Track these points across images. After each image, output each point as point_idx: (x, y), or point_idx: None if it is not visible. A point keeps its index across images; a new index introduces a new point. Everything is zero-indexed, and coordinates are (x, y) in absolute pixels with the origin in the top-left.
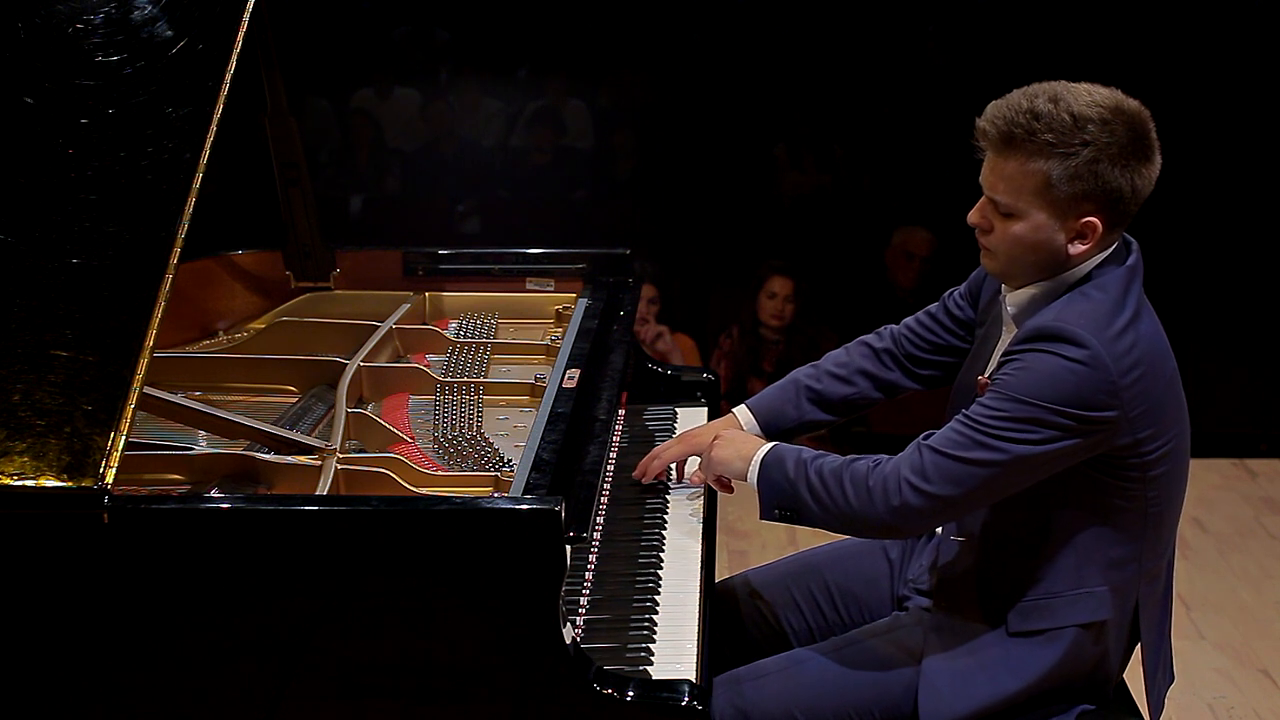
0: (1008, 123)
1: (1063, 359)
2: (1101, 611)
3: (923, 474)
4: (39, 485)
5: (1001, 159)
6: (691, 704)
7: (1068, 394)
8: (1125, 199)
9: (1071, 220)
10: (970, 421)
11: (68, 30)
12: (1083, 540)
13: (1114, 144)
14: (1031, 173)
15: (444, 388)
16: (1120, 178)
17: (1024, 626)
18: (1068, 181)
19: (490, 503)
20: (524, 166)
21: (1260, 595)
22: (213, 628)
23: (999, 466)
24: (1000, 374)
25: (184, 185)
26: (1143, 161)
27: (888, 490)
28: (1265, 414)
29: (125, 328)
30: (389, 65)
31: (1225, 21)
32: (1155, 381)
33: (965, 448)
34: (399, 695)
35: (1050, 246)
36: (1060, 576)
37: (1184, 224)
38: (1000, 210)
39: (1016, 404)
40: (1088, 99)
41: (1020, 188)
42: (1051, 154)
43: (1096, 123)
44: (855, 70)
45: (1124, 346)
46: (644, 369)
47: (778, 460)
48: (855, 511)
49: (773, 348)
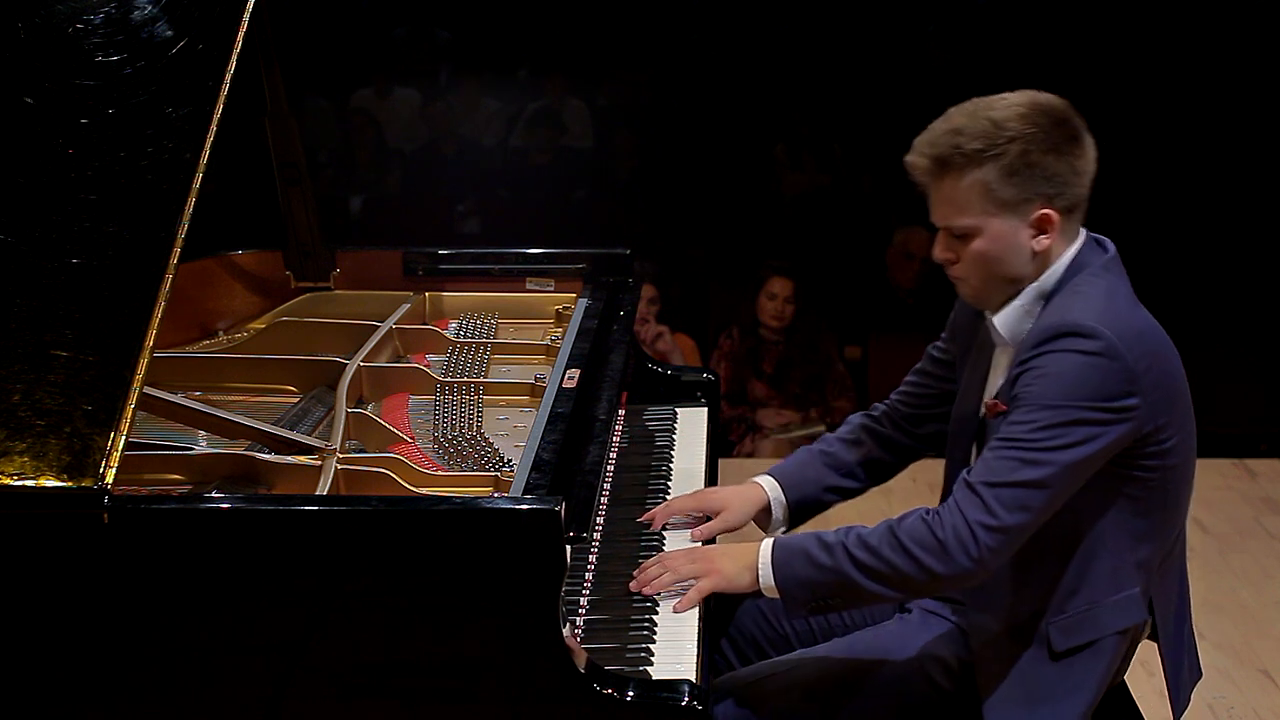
0: (934, 147)
1: (1080, 354)
2: (1138, 614)
3: (990, 512)
4: (39, 485)
5: (940, 185)
6: (691, 704)
7: (1095, 388)
8: (1068, 183)
9: (1026, 217)
10: (1011, 443)
11: (68, 30)
12: (1114, 542)
13: (1039, 133)
14: (971, 185)
15: (444, 388)
16: (1056, 163)
17: (1070, 643)
18: (1007, 181)
19: (490, 503)
20: (524, 166)
21: (1260, 595)
22: (212, 628)
23: (1055, 478)
24: (1021, 387)
25: (184, 185)
26: (1073, 143)
27: (964, 541)
28: (1265, 414)
29: (125, 328)
30: (389, 65)
31: (1225, 22)
32: (1165, 367)
33: (1018, 470)
34: (399, 695)
35: (1016, 250)
36: (1099, 583)
37: (1184, 224)
38: (958, 235)
39: (1050, 411)
40: (1003, 104)
41: (966, 204)
42: (983, 160)
43: (1016, 119)
44: (855, 70)
45: (1134, 332)
46: (644, 369)
47: (796, 554)
48: (934, 575)
49: (773, 348)
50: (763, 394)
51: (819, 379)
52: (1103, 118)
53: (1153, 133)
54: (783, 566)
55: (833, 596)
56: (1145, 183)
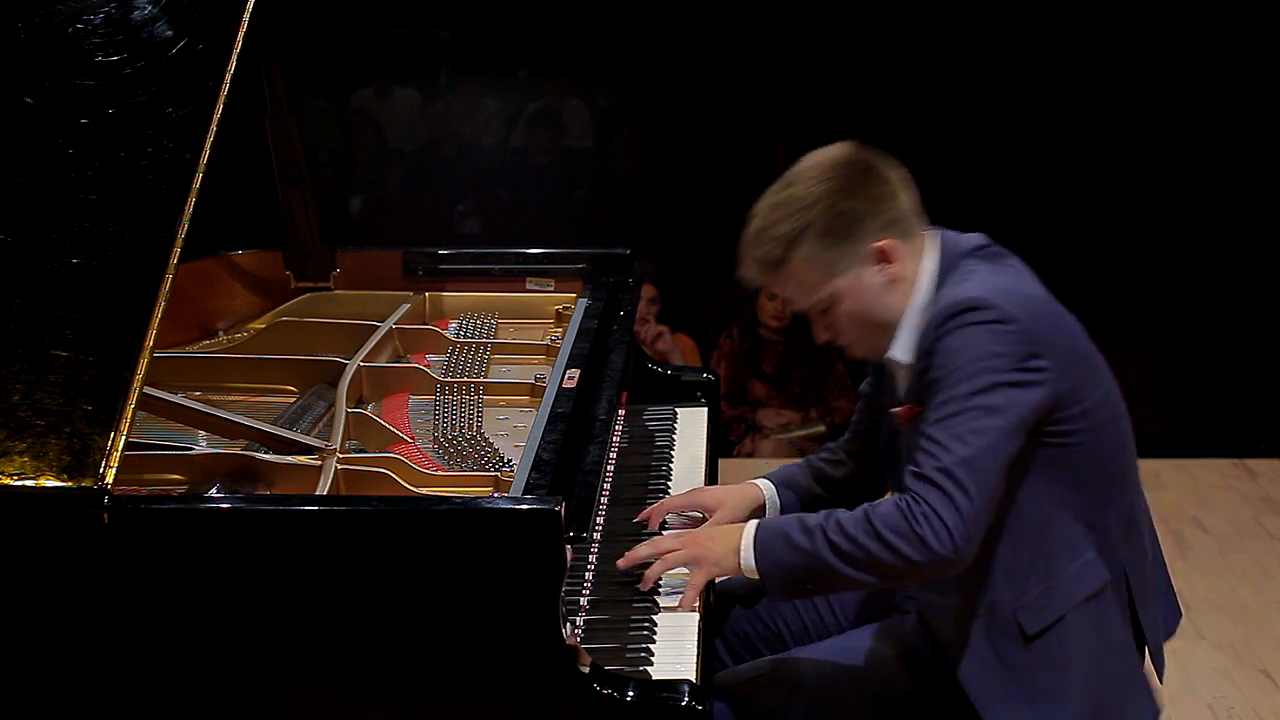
0: (753, 254)
1: (978, 324)
2: (1099, 575)
3: (950, 498)
4: (39, 485)
5: (780, 280)
6: (691, 704)
7: (1002, 353)
8: (882, 210)
9: (864, 262)
10: (942, 424)
11: (68, 30)
12: (1059, 516)
13: (831, 186)
14: (800, 266)
15: (444, 388)
16: (861, 204)
17: (1040, 624)
18: (827, 244)
19: (490, 503)
20: (524, 166)
21: (1260, 595)
22: (212, 628)
23: (996, 446)
24: (932, 375)
25: (184, 185)
26: (866, 176)
27: (937, 531)
28: (1265, 414)
29: (125, 328)
30: (389, 65)
31: (1225, 21)
32: (1064, 330)
33: (959, 448)
34: (399, 695)
35: (875, 292)
36: (1053, 559)
37: (1184, 225)
38: (821, 311)
39: (967, 382)
40: (789, 181)
41: (808, 284)
42: (796, 239)
43: (805, 184)
44: (855, 70)
45: (1023, 298)
46: (644, 369)
47: (777, 535)
48: (913, 563)
49: (773, 348)
50: (763, 394)
51: (819, 379)
52: (1103, 117)
53: (1153, 132)
54: (764, 549)
55: (811, 581)
56: (1145, 183)
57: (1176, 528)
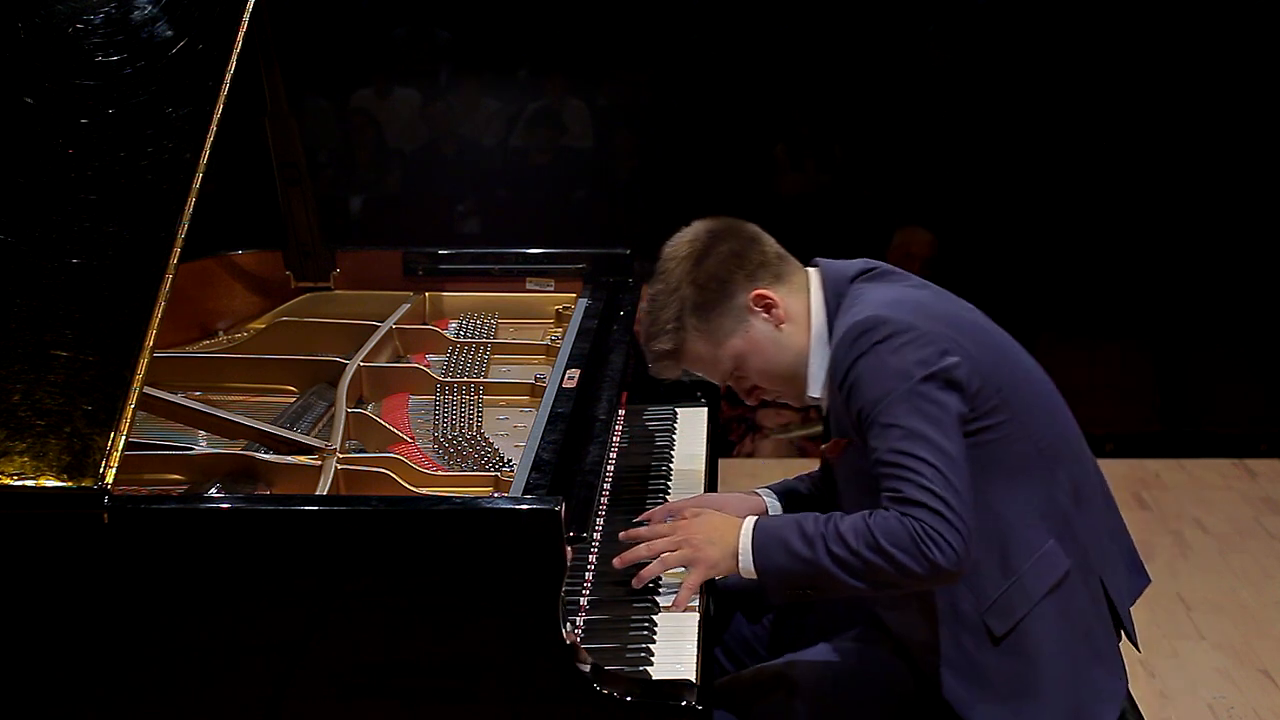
0: (653, 350)
1: (878, 343)
2: (1060, 564)
3: (943, 512)
4: (39, 485)
5: (686, 364)
6: (691, 704)
7: (912, 361)
8: (744, 264)
9: (747, 314)
10: (897, 450)
11: (68, 30)
12: (1007, 508)
13: (686, 262)
14: (694, 342)
15: (444, 388)
16: (715, 265)
17: (1007, 625)
18: (707, 315)
19: (490, 503)
20: (524, 166)
21: (1260, 595)
22: (212, 628)
23: (950, 445)
24: (856, 405)
25: (184, 185)
26: (719, 241)
27: (941, 547)
28: (1265, 414)
29: (125, 328)
30: (389, 65)
31: (1225, 21)
32: (961, 325)
33: (925, 465)
34: (399, 695)
35: (770, 340)
36: (1011, 554)
37: (1184, 224)
38: (736, 378)
39: (894, 399)
40: (654, 279)
41: (708, 356)
42: (680, 322)
43: (666, 273)
44: (855, 70)
45: (911, 304)
46: (644, 369)
47: (775, 539)
48: (914, 575)
49: None
50: None
51: None
52: (1103, 117)
53: (1153, 132)
54: (762, 553)
55: (811, 587)
56: (1145, 182)
57: (1176, 528)
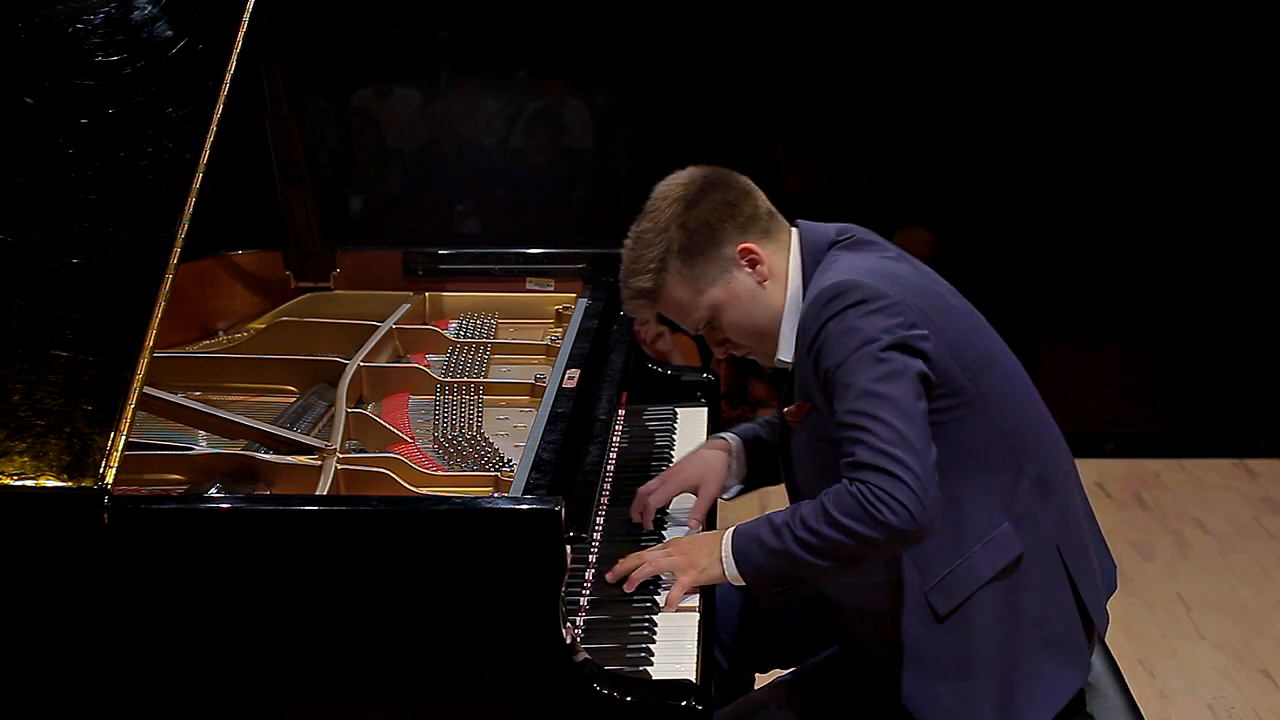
0: (630, 287)
1: (849, 307)
2: (1012, 548)
3: (896, 472)
4: (39, 485)
5: (661, 306)
6: (691, 704)
7: (878, 326)
8: (735, 215)
9: (730, 266)
10: (855, 411)
11: (68, 30)
12: (961, 489)
13: (678, 204)
14: (674, 285)
15: (444, 388)
16: (707, 213)
17: (950, 604)
18: (689, 258)
19: (490, 503)
20: (524, 166)
21: (1260, 595)
22: (212, 628)
23: (911, 406)
24: (823, 366)
25: (184, 185)
26: (712, 188)
27: (893, 508)
28: (1265, 414)
29: (125, 328)
30: (389, 65)
31: (1225, 21)
32: (934, 301)
33: (882, 425)
34: (399, 695)
35: (750, 295)
36: (961, 535)
37: (1184, 224)
38: (708, 326)
39: (859, 361)
40: (642, 217)
41: (685, 301)
42: (663, 263)
43: (656, 212)
44: (855, 70)
45: (886, 273)
46: (644, 369)
47: (751, 539)
48: (876, 544)
49: None
50: (763, 394)
51: None
52: (1103, 117)
53: (1153, 132)
54: (742, 555)
55: (791, 579)
56: (1145, 182)
57: (1176, 528)
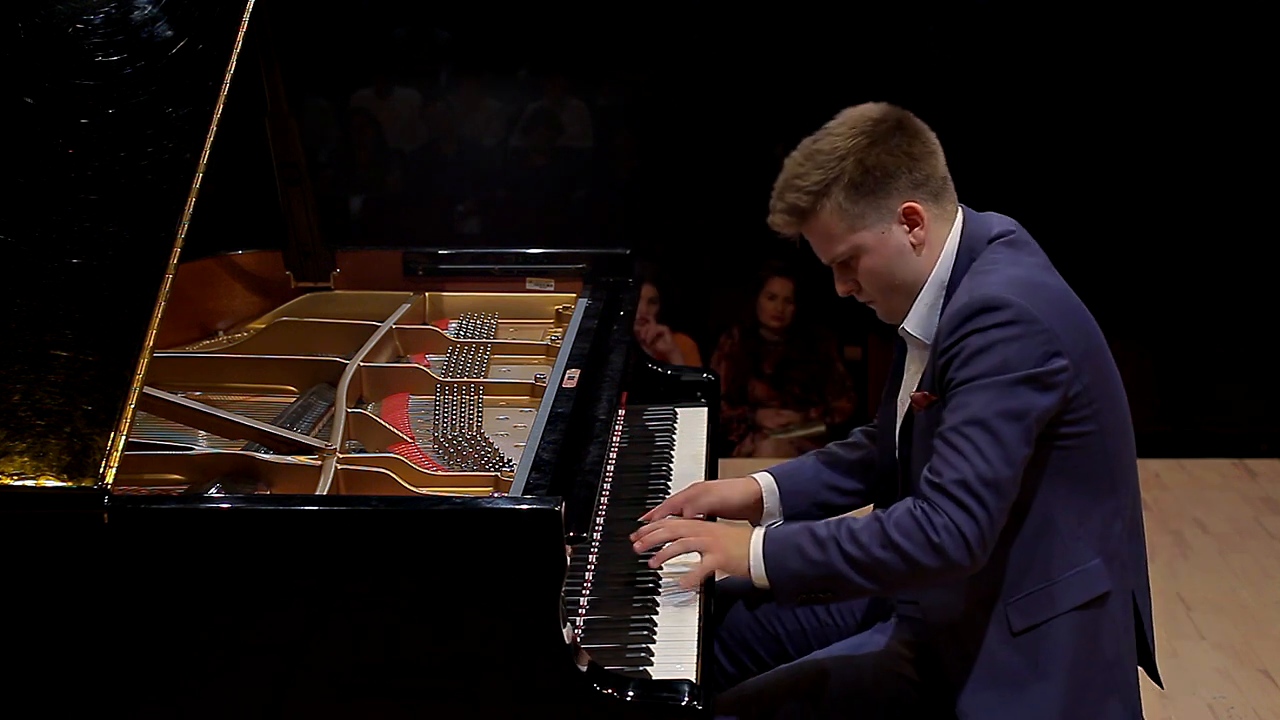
0: (783, 201)
1: (997, 327)
2: (1100, 584)
3: (968, 510)
4: (39, 485)
5: (806, 229)
6: (691, 704)
7: (1020, 357)
8: (914, 170)
9: (891, 219)
10: (960, 433)
11: (68, 30)
12: (1062, 517)
13: (863, 140)
14: (829, 215)
15: (444, 388)
16: (891, 159)
17: (1027, 623)
18: (856, 196)
19: (490, 503)
20: (524, 166)
21: (1260, 595)
22: (213, 628)
23: (1013, 453)
24: (951, 374)
25: (184, 185)
26: (899, 133)
27: (955, 540)
28: (1265, 414)
29: (125, 328)
30: (389, 65)
31: (1225, 21)
32: (1080, 326)
33: (977, 457)
34: (399, 695)
35: (899, 252)
36: (1052, 561)
37: (1184, 224)
38: (847, 264)
39: (985, 391)
40: (824, 133)
41: (834, 234)
42: (827, 189)
43: (838, 140)
44: (855, 70)
45: (1043, 296)
46: (644, 369)
47: (789, 546)
48: (928, 571)
49: (773, 349)
50: (763, 394)
51: (819, 379)
52: (1104, 117)
53: (1153, 132)
54: (773, 559)
55: (823, 590)
56: (1145, 183)
57: (1176, 528)
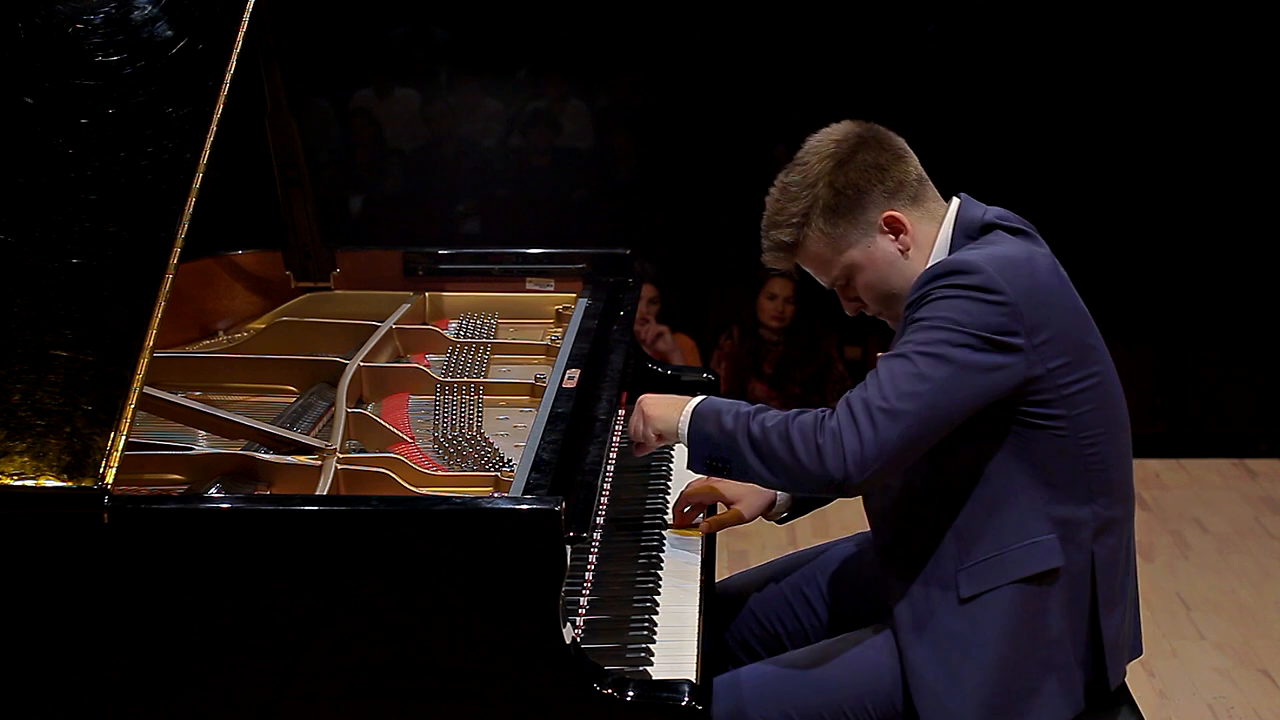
0: (769, 239)
1: (959, 288)
2: (1051, 559)
3: (860, 428)
4: (39, 485)
5: (799, 260)
6: (691, 704)
7: (974, 318)
8: (884, 181)
9: (874, 232)
10: (887, 362)
11: (68, 30)
12: (1023, 491)
13: (829, 161)
14: (814, 242)
15: (444, 388)
16: (857, 174)
17: (975, 589)
18: (833, 217)
19: (490, 503)
20: (523, 167)
21: (1260, 595)
22: (212, 628)
23: (932, 398)
24: (909, 317)
25: (184, 185)
26: (865, 148)
27: (839, 455)
28: (1265, 414)
29: (125, 328)
30: (389, 65)
31: (1225, 21)
32: (1057, 310)
33: (892, 390)
34: (399, 695)
35: (890, 261)
36: (1006, 531)
37: (1184, 224)
38: (844, 283)
39: (929, 330)
40: (792, 166)
41: (824, 258)
42: (806, 219)
43: (806, 165)
44: (855, 70)
45: (1024, 274)
46: (644, 369)
47: (712, 411)
48: (807, 473)
49: (773, 349)
50: (763, 394)
51: (819, 379)
52: (1104, 116)
53: (1153, 132)
54: (697, 419)
55: (725, 462)
56: (1145, 182)
57: (1176, 528)
